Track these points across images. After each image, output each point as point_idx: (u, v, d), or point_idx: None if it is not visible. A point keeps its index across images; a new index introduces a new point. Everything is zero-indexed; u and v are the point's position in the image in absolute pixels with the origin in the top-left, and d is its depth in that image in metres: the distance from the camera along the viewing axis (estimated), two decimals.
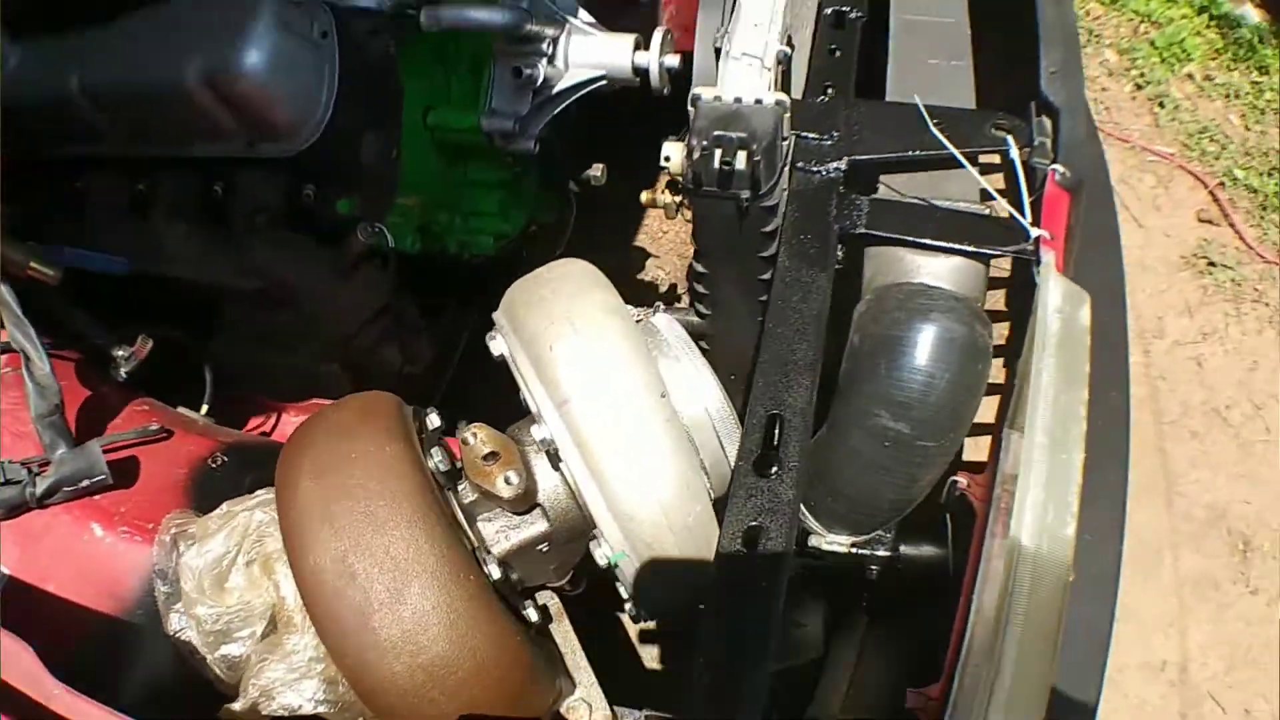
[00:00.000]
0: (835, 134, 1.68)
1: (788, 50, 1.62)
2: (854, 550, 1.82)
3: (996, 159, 1.66)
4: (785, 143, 1.60)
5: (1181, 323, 3.65)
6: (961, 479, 1.80)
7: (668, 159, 1.58)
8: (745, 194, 1.53)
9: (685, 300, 1.94)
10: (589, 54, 2.23)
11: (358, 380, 2.31)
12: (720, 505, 1.39)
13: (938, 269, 1.59)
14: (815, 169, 1.65)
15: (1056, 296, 1.45)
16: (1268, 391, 3.48)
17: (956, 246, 1.57)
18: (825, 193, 1.63)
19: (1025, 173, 1.59)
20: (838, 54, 1.89)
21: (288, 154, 2.04)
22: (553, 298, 1.49)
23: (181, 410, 1.93)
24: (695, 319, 1.82)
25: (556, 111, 2.27)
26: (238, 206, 2.09)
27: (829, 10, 1.97)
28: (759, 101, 1.55)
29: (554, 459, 1.48)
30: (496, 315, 1.57)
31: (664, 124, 1.76)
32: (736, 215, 1.58)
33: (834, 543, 1.79)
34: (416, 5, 2.12)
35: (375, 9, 2.11)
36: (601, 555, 1.48)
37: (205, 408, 2.03)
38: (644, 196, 1.83)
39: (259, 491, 1.53)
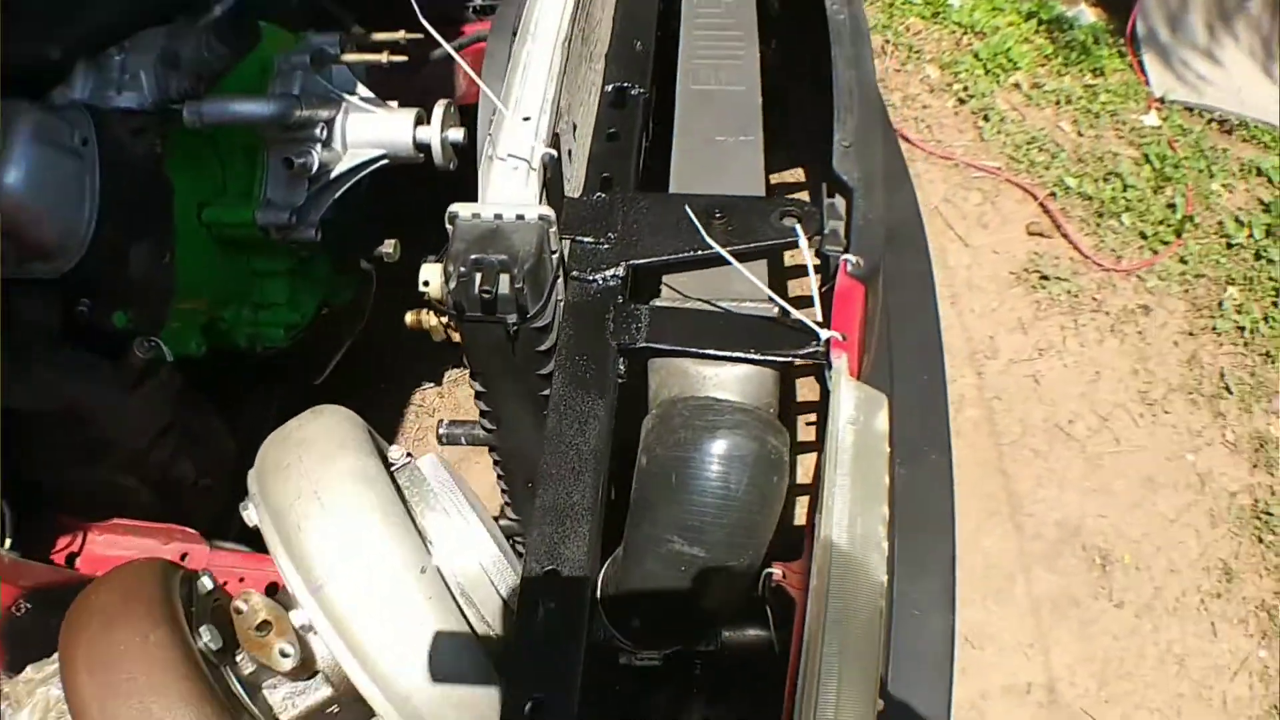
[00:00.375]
0: (612, 235, 1.56)
1: (553, 153, 1.50)
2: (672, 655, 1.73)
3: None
4: (554, 255, 1.48)
5: (1015, 340, 3.62)
6: (776, 569, 1.72)
7: (426, 284, 1.45)
8: (512, 318, 1.42)
9: None
10: (367, 133, 2.12)
11: (159, 492, 2.24)
12: None
13: (724, 379, 1.48)
14: (591, 277, 1.52)
15: (849, 406, 1.37)
16: (1113, 401, 3.47)
17: (741, 355, 1.46)
18: (602, 304, 1.50)
19: (817, 264, 1.50)
20: (617, 139, 1.77)
21: (58, 271, 1.91)
22: (299, 465, 1.37)
23: None
24: (481, 432, 1.70)
25: (337, 195, 2.14)
26: (16, 328, 1.95)
27: (609, 87, 1.85)
28: (521, 217, 1.43)
29: None
30: (250, 477, 1.45)
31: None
32: (506, 339, 1.46)
33: (646, 658, 1.70)
34: (180, 99, 2.00)
35: (137, 108, 1.99)
36: None
37: (9, 541, 1.93)
38: (408, 319, 1.69)
39: (56, 656, 1.49)
